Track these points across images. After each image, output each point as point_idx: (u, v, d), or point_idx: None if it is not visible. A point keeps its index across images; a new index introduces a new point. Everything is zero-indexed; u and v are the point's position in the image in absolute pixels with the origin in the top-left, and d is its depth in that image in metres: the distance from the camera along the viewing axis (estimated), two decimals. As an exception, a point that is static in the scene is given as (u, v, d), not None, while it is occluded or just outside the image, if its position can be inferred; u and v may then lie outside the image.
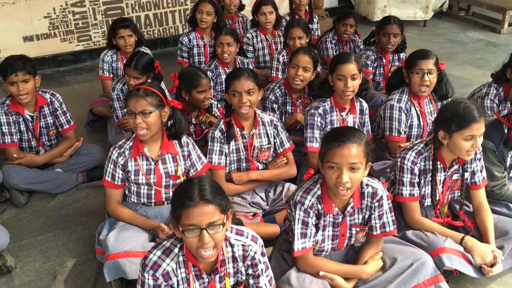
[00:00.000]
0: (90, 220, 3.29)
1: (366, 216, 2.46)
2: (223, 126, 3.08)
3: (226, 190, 3.05)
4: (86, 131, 4.49)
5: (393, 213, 2.48)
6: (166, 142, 2.85)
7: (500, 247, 2.65)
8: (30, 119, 3.58)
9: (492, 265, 2.54)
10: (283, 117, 3.79)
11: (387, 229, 2.48)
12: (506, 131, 2.97)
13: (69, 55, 6.21)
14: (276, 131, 3.22)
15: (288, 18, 5.48)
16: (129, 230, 2.75)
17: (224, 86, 3.16)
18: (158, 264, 2.01)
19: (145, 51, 4.58)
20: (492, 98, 3.62)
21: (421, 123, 3.44)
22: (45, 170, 3.64)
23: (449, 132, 2.57)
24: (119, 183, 2.82)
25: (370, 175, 2.43)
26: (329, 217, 2.39)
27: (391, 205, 2.47)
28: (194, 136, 3.65)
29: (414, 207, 2.75)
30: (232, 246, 2.09)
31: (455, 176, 2.79)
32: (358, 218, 2.46)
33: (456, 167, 2.74)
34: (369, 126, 3.47)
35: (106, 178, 2.82)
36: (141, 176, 2.80)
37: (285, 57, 4.32)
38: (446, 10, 7.86)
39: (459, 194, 2.84)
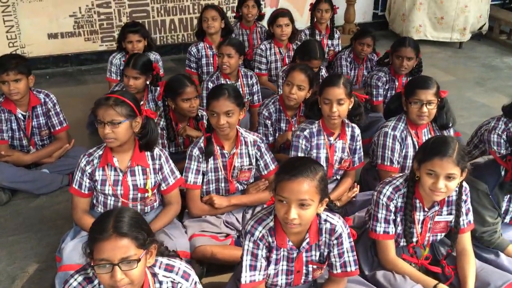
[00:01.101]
0: (65, 225, 3.23)
1: (325, 253, 2.28)
2: (202, 144, 2.96)
3: (201, 210, 3.01)
4: (87, 133, 4.48)
5: (355, 253, 2.29)
6: (138, 154, 2.76)
7: (478, 300, 2.42)
8: (22, 118, 3.59)
9: (462, 319, 2.32)
10: (277, 134, 3.65)
11: (348, 269, 2.29)
12: (503, 173, 2.71)
13: (92, 54, 6.27)
14: (259, 153, 3.08)
15: (307, 32, 5.35)
16: (90, 241, 2.68)
17: None
18: None
19: (154, 55, 4.57)
20: (500, 133, 3.32)
21: (418, 154, 3.21)
22: (32, 169, 3.64)
23: (418, 163, 2.39)
24: (86, 192, 2.76)
25: (331, 210, 2.26)
26: (283, 251, 2.23)
27: (352, 243, 2.28)
28: (182, 147, 3.56)
29: (388, 246, 2.54)
30: (160, 283, 1.95)
31: (437, 218, 2.57)
32: (316, 255, 2.28)
33: (437, 208, 2.52)
34: (361, 153, 3.28)
35: (73, 186, 2.77)
36: (107, 187, 2.73)
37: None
38: (486, 33, 7.43)
39: (450, 240, 2.61)
